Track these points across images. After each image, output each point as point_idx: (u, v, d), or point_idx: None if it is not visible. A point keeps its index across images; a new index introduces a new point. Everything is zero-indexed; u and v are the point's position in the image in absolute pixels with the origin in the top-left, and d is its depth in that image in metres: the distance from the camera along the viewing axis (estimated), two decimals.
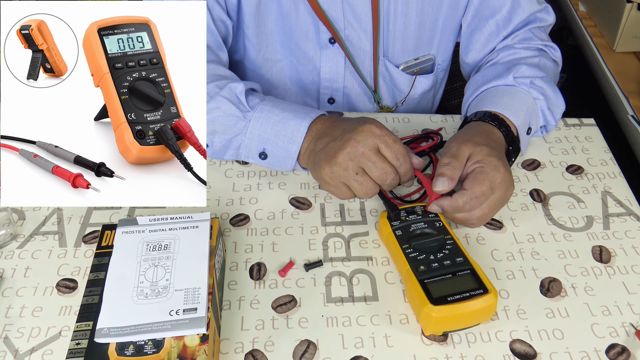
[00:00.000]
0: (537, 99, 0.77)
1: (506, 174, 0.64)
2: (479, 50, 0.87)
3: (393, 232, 0.63)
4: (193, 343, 0.51)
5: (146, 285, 0.54)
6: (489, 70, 0.81)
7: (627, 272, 0.65)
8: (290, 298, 0.62)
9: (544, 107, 0.78)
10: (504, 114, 0.72)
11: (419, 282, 0.57)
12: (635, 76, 1.46)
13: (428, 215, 0.64)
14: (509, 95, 0.75)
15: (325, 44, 0.85)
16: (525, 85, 0.76)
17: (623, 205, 0.73)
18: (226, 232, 0.69)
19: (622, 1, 1.45)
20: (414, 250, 0.60)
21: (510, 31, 0.84)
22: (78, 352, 0.50)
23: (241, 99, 0.71)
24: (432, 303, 0.55)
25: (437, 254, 0.59)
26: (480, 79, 0.81)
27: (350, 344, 0.58)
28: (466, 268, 0.58)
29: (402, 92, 0.92)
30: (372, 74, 0.88)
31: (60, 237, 0.67)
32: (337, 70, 0.87)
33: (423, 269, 0.58)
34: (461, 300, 0.55)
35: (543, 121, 0.79)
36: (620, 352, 0.58)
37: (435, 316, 0.54)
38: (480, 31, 0.85)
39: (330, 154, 0.64)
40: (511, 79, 0.76)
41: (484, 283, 0.57)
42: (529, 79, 0.77)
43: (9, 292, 0.62)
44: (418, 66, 0.89)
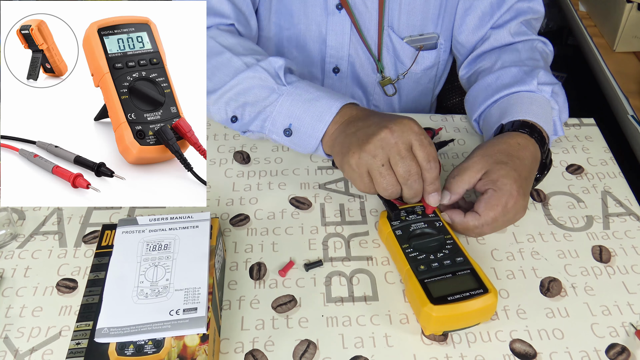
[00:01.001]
0: (553, 108, 0.76)
1: (518, 199, 0.62)
2: (472, 31, 0.87)
3: (393, 232, 0.63)
4: (193, 343, 0.51)
5: (146, 285, 0.54)
6: (503, 73, 0.79)
7: (627, 272, 0.65)
8: (290, 298, 0.62)
9: (556, 118, 0.77)
10: (539, 123, 0.70)
11: (419, 281, 0.57)
12: (635, 76, 1.46)
13: (428, 215, 0.64)
14: (536, 103, 0.73)
15: (332, 10, 0.86)
16: (547, 93, 0.75)
17: (623, 205, 0.73)
18: (226, 232, 0.69)
19: (622, 1, 1.45)
20: (414, 250, 0.60)
21: (503, 14, 0.84)
22: (78, 352, 0.50)
23: (279, 73, 0.70)
24: (432, 303, 0.55)
25: (437, 254, 0.59)
26: (496, 82, 0.79)
27: (350, 344, 0.58)
28: (466, 268, 0.58)
29: (404, 65, 0.92)
30: (377, 43, 0.89)
31: (60, 237, 0.67)
32: (343, 37, 0.88)
33: (423, 269, 0.58)
34: (461, 299, 0.55)
35: (553, 131, 0.78)
36: (620, 352, 0.58)
37: (436, 316, 0.54)
38: (474, 11, 0.86)
39: (362, 139, 0.60)
40: (535, 85, 0.74)
41: (484, 283, 0.57)
42: (550, 86, 0.75)
43: (9, 292, 0.62)
44: (422, 42, 0.89)
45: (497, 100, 0.77)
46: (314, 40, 0.89)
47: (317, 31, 0.88)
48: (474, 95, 0.82)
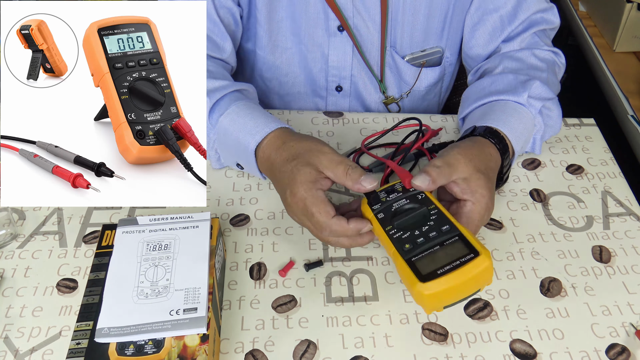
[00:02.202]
0: (536, 126, 0.75)
1: (491, 210, 0.61)
2: (483, 45, 0.85)
3: (375, 217, 0.59)
4: (193, 343, 0.51)
5: (146, 285, 0.54)
6: (499, 78, 0.78)
7: (627, 272, 0.65)
8: (291, 298, 0.62)
9: (537, 136, 0.77)
10: (509, 137, 0.69)
11: (406, 261, 0.53)
12: (635, 76, 1.46)
13: (409, 191, 0.60)
14: (517, 117, 0.71)
15: (334, 32, 0.85)
16: (534, 109, 0.74)
17: (623, 205, 0.73)
18: (226, 232, 0.69)
19: (622, 1, 1.45)
20: (397, 230, 0.57)
21: (515, 28, 0.82)
22: (78, 352, 0.50)
23: (210, 114, 0.71)
24: (421, 280, 0.51)
25: (422, 228, 0.55)
26: (489, 87, 0.78)
27: (350, 344, 0.58)
28: (453, 235, 0.54)
29: (407, 84, 0.92)
30: (379, 64, 0.89)
31: (61, 237, 0.67)
32: (345, 58, 0.88)
33: (409, 247, 0.54)
34: (452, 270, 0.51)
35: (530, 148, 0.78)
36: (620, 352, 0.58)
37: (428, 293, 0.50)
38: (484, 25, 0.84)
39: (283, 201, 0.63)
40: (525, 98, 0.73)
41: (473, 246, 0.52)
42: (541, 102, 0.74)
43: (9, 292, 0.62)
44: (424, 58, 0.89)
45: (485, 103, 0.76)
46: (316, 60, 0.89)
47: (319, 52, 0.88)
48: (466, 95, 0.81)
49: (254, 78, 0.94)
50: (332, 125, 0.84)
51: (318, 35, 0.86)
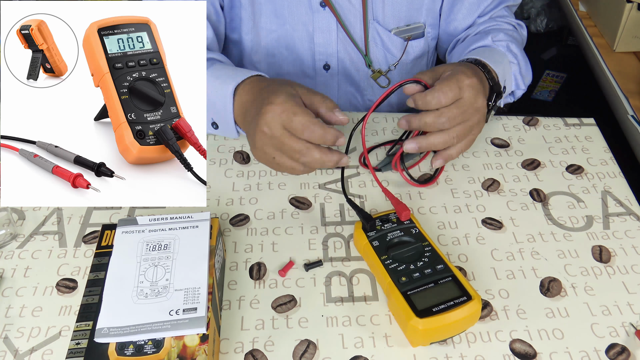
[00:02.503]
0: (511, 62, 0.83)
1: (474, 80, 0.65)
2: (461, 20, 0.91)
3: (370, 244, 0.61)
4: (193, 343, 0.51)
5: (146, 285, 0.54)
6: (470, 39, 0.88)
7: (627, 272, 0.65)
8: (290, 298, 0.62)
9: (517, 72, 0.84)
10: (486, 61, 0.74)
11: (402, 294, 0.56)
12: (635, 76, 1.46)
13: (403, 223, 0.63)
14: (489, 51, 0.79)
15: (316, 8, 0.87)
16: (502, 47, 0.83)
17: (623, 205, 0.73)
18: (226, 232, 0.69)
19: (622, 1, 1.45)
20: (393, 261, 0.59)
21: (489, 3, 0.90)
22: (78, 352, 0.50)
23: None
24: (417, 316, 0.53)
25: (417, 263, 0.59)
26: (464, 47, 0.87)
27: (350, 344, 0.58)
28: (447, 275, 0.57)
29: (394, 56, 0.93)
30: (363, 38, 0.90)
31: (60, 237, 0.67)
32: (330, 35, 0.89)
33: (405, 280, 0.57)
34: (446, 310, 0.54)
35: (514, 86, 0.85)
36: (620, 352, 0.58)
37: (422, 329, 0.53)
38: (462, 2, 0.90)
39: (251, 141, 0.64)
40: (490, 40, 0.83)
41: (466, 290, 0.56)
42: (505, 42, 0.83)
43: (8, 292, 0.62)
44: (409, 32, 0.92)
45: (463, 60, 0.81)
46: (302, 39, 0.90)
47: (304, 30, 0.89)
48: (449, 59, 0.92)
49: (244, 65, 0.96)
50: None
51: (301, 13, 0.87)
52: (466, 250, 0.67)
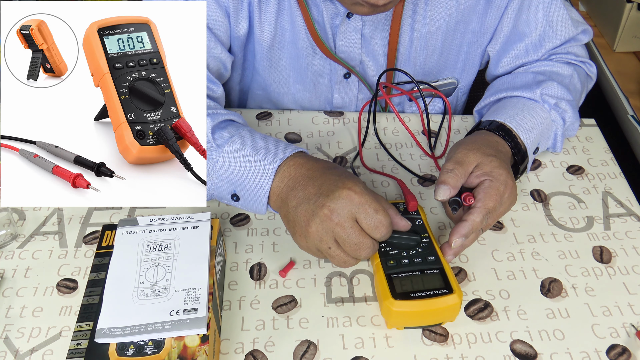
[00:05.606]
0: (554, 121, 0.75)
1: (513, 189, 0.63)
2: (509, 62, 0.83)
3: None
4: (193, 343, 0.51)
5: (146, 286, 0.54)
6: (518, 76, 0.79)
7: (628, 273, 0.65)
8: (291, 298, 0.62)
9: (559, 132, 0.76)
10: (517, 131, 0.70)
11: (386, 275, 0.57)
12: (635, 76, 1.46)
13: (409, 213, 0.65)
14: (528, 112, 0.72)
15: (340, 80, 0.84)
16: (548, 104, 0.74)
17: (623, 206, 0.73)
18: (226, 232, 0.69)
19: (622, 1, 1.45)
20: (387, 245, 0.60)
21: (542, 55, 0.81)
22: (78, 353, 0.50)
23: (209, 137, 0.64)
24: (393, 297, 0.55)
25: (410, 252, 0.60)
26: (507, 83, 0.79)
27: (350, 344, 0.58)
28: (436, 267, 0.58)
29: None
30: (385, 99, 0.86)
31: (61, 237, 0.67)
32: (350, 98, 0.87)
33: (392, 264, 0.58)
34: (423, 297, 0.55)
35: (552, 144, 0.78)
36: (620, 353, 0.58)
37: (395, 310, 0.55)
38: (508, 54, 0.82)
39: (303, 222, 0.56)
40: (537, 94, 0.73)
41: (450, 283, 0.57)
42: (555, 99, 0.74)
43: (9, 292, 0.62)
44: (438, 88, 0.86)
45: (500, 99, 0.77)
46: (320, 102, 0.88)
47: (323, 96, 0.87)
48: (488, 89, 0.82)
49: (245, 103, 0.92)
50: (333, 125, 0.84)
51: (323, 83, 0.85)
52: (466, 250, 0.67)
